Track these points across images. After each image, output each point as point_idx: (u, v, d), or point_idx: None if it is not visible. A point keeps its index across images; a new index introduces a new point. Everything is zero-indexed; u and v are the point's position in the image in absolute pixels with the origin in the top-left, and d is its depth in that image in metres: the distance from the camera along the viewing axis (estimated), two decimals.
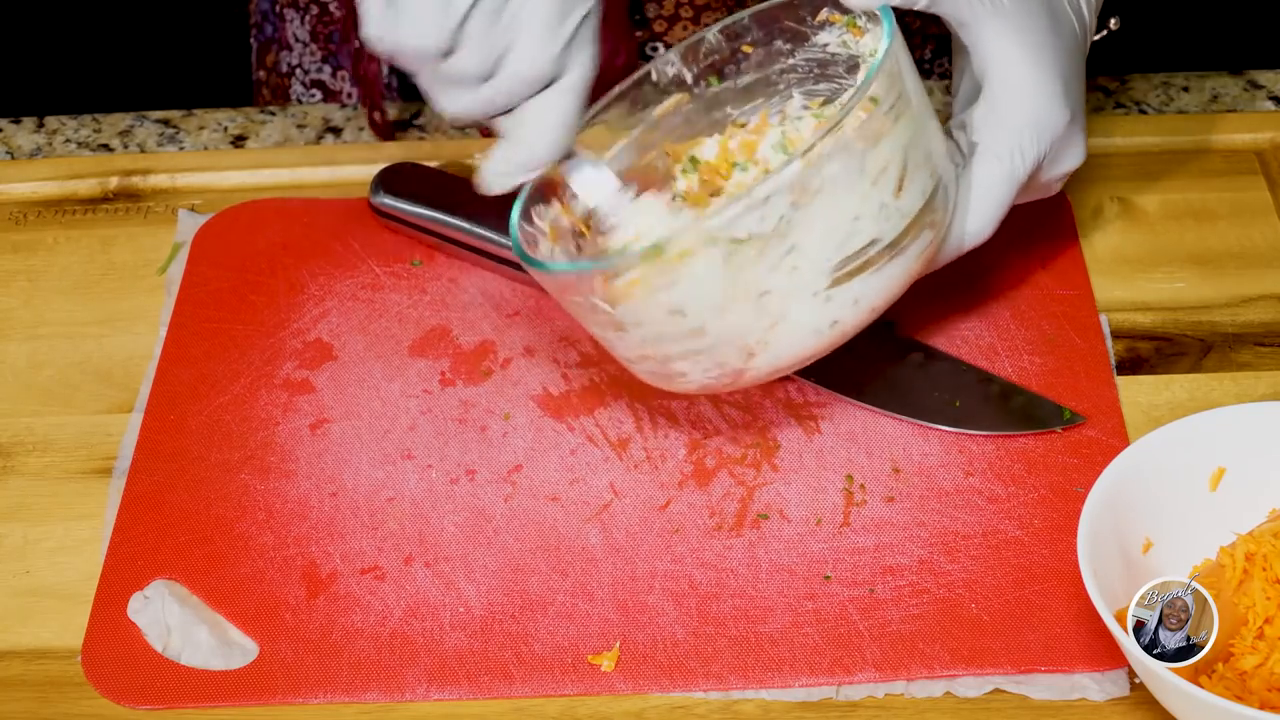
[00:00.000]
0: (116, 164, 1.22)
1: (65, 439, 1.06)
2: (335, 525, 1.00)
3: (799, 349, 0.94)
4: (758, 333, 0.92)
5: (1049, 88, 0.97)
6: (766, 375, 0.95)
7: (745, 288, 0.91)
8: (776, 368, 0.95)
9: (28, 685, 0.95)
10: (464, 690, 0.93)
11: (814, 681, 0.92)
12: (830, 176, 0.90)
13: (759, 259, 0.90)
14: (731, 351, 0.93)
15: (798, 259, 0.91)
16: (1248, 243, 1.12)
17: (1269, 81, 1.24)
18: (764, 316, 0.92)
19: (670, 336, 0.93)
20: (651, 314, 0.92)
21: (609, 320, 0.93)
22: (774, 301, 0.91)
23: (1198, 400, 1.04)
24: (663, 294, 0.91)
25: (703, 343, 0.93)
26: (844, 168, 0.90)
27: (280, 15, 1.32)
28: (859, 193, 0.91)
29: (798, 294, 0.92)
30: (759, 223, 0.89)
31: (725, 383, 0.95)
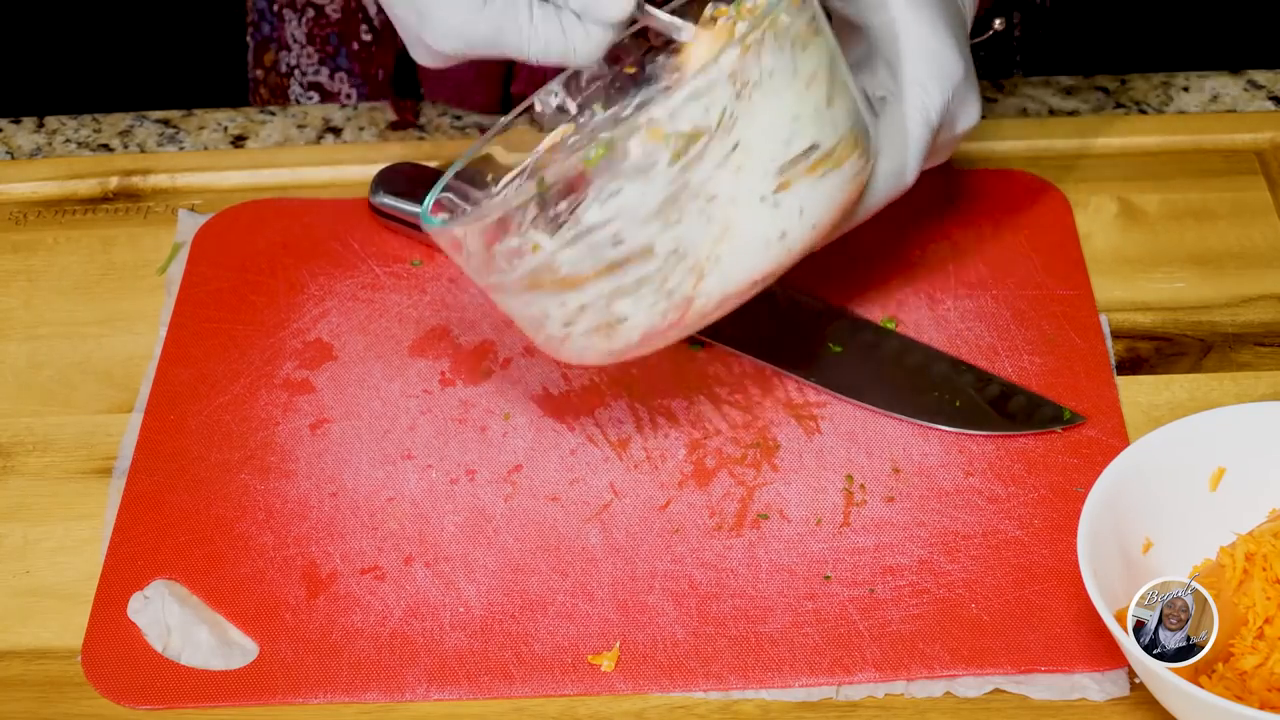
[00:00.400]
0: (116, 164, 1.22)
1: (65, 439, 1.06)
2: (335, 525, 1.00)
3: (749, 265, 0.92)
4: (706, 246, 0.91)
5: (944, 40, 0.99)
6: (716, 304, 0.93)
7: (691, 191, 0.90)
8: (726, 292, 0.93)
9: (28, 685, 0.95)
10: (464, 690, 0.93)
11: (814, 681, 0.92)
12: (767, 69, 0.90)
13: (703, 156, 0.89)
14: (680, 273, 0.92)
15: (742, 157, 0.90)
16: (1248, 243, 1.12)
17: (1269, 81, 1.24)
18: (712, 225, 0.91)
19: (611, 268, 0.91)
20: (590, 243, 0.90)
21: (539, 269, 0.91)
22: (720, 207, 0.90)
23: (1198, 400, 1.04)
24: (605, 208, 0.90)
25: (649, 267, 0.91)
26: (778, 64, 0.90)
27: (279, 15, 1.32)
28: (795, 91, 0.91)
29: (745, 198, 0.91)
30: (703, 114, 0.89)
31: (672, 320, 0.93)
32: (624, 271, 0.91)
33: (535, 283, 0.93)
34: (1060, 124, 1.20)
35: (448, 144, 1.22)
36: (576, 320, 0.94)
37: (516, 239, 0.91)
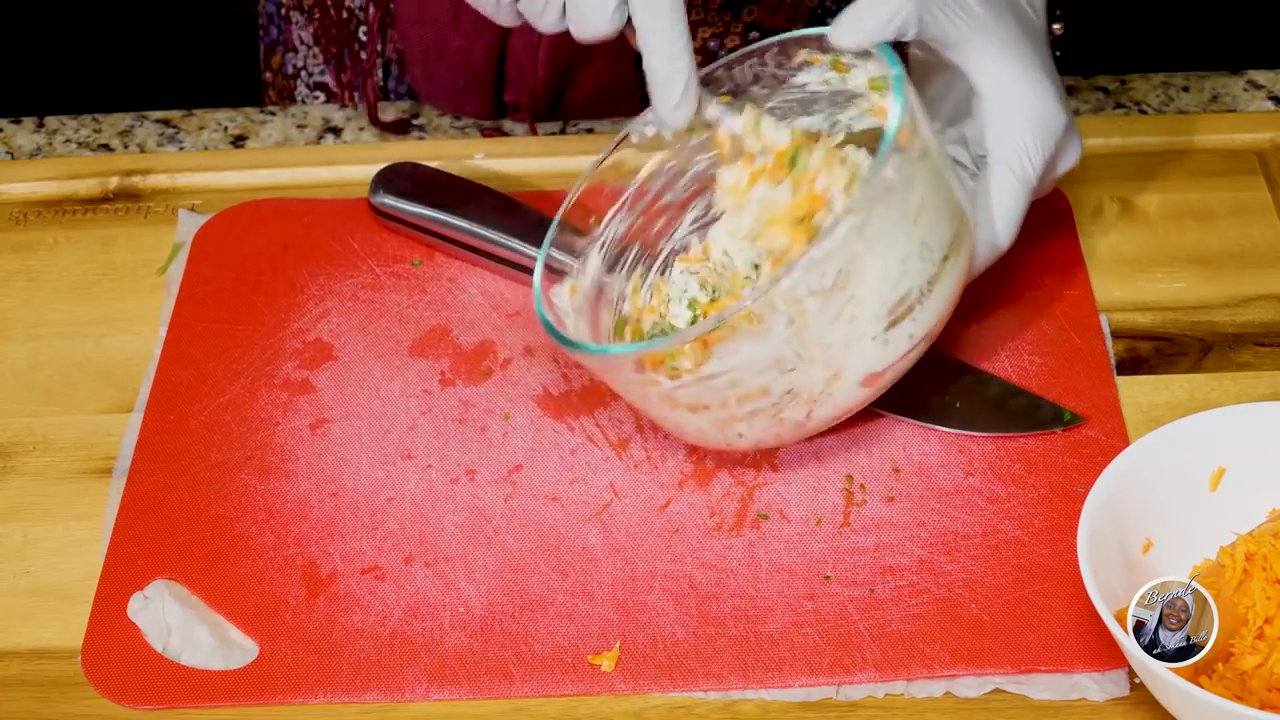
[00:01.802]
0: (116, 164, 1.22)
1: (65, 439, 1.06)
2: (335, 525, 1.00)
3: (859, 396, 0.95)
4: (819, 385, 0.93)
5: (1045, 93, 1.00)
6: (824, 425, 0.96)
7: (807, 345, 0.91)
8: (836, 416, 0.96)
9: (28, 685, 0.95)
10: (464, 690, 0.93)
11: (814, 681, 0.92)
12: (882, 225, 0.91)
13: (819, 314, 0.91)
14: (793, 408, 0.94)
15: (855, 308, 0.91)
16: (1248, 243, 1.12)
17: (1269, 81, 1.24)
18: (826, 369, 0.93)
19: (729, 402, 0.93)
20: (709, 385, 0.93)
21: (662, 396, 0.94)
22: (834, 354, 0.92)
23: (1198, 400, 1.04)
24: (724, 363, 0.92)
25: (763, 403, 0.93)
26: (891, 214, 0.91)
27: (286, 18, 1.32)
28: (905, 233, 0.92)
29: (857, 343, 0.92)
30: (819, 279, 0.90)
31: (785, 437, 0.96)
32: (741, 404, 0.93)
33: (663, 402, 0.95)
34: None
35: (448, 144, 1.22)
36: (705, 432, 0.96)
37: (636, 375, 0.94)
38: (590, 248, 1.02)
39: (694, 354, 0.92)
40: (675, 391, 0.93)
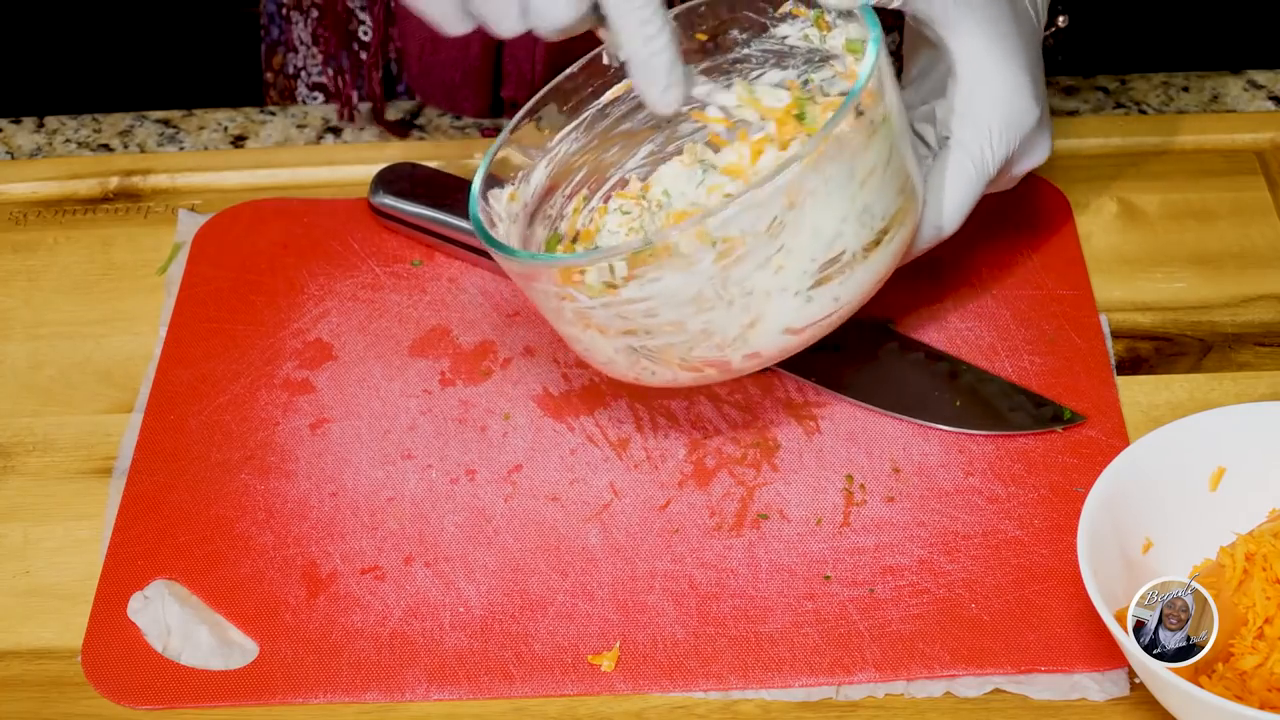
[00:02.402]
0: (116, 164, 1.22)
1: (65, 439, 1.06)
2: (335, 525, 1.00)
3: (775, 347, 0.94)
4: (735, 330, 0.92)
5: (1020, 85, 0.99)
6: (734, 373, 0.95)
7: (729, 285, 0.91)
8: (746, 365, 0.95)
9: (28, 685, 0.95)
10: (464, 690, 0.93)
11: (814, 681, 0.92)
12: (826, 179, 0.90)
13: (747, 258, 0.90)
14: (705, 348, 0.93)
15: (784, 258, 0.91)
16: (1248, 243, 1.12)
17: (1269, 81, 1.24)
18: (744, 314, 0.92)
19: (640, 331, 0.93)
20: (626, 310, 0.92)
21: (577, 312, 0.93)
22: (755, 300, 0.92)
23: (1198, 400, 1.04)
24: (643, 289, 0.91)
25: (676, 338, 0.93)
26: (839, 171, 0.91)
27: (286, 18, 1.32)
28: (848, 196, 0.91)
29: (780, 294, 0.92)
30: (753, 222, 0.89)
31: (691, 379, 0.95)
32: (653, 335, 0.93)
33: (576, 319, 0.94)
34: (1060, 124, 1.20)
35: (447, 144, 1.22)
36: (614, 360, 0.95)
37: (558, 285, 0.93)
38: (539, 159, 1.01)
39: (615, 275, 0.90)
40: (590, 310, 0.92)
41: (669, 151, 1.04)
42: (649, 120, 1.04)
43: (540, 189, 1.01)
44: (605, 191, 1.04)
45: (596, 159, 1.04)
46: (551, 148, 1.02)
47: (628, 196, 1.02)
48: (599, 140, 1.03)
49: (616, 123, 1.04)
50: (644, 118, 1.04)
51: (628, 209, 1.01)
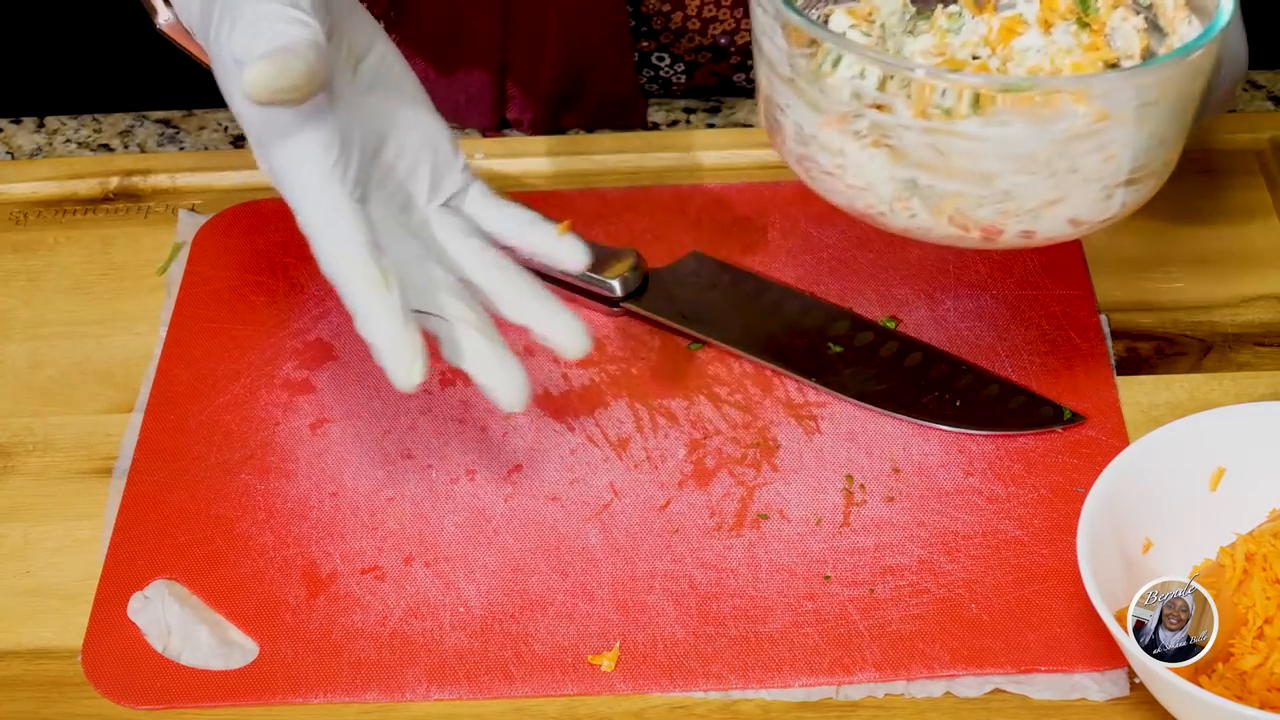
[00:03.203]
0: (116, 164, 1.22)
1: (65, 439, 1.06)
2: (335, 525, 1.00)
3: (1053, 233, 0.92)
4: (1034, 202, 0.90)
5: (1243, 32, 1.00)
6: (999, 244, 0.93)
7: (1063, 158, 0.89)
8: (1017, 243, 0.93)
9: (28, 685, 0.95)
10: (464, 690, 0.93)
11: (814, 681, 0.92)
12: (1188, 86, 0.90)
13: (1100, 134, 0.89)
14: (991, 209, 0.90)
15: (1120, 149, 0.90)
16: (1248, 243, 1.12)
17: (1269, 81, 1.24)
18: (1054, 190, 0.90)
19: (941, 170, 0.89)
20: (949, 144, 0.88)
21: (875, 125, 0.89)
22: (1072, 181, 0.90)
23: (1198, 400, 1.04)
24: (986, 128, 0.88)
25: (973, 189, 0.90)
26: (1192, 82, 0.90)
27: None
28: (1184, 110, 0.92)
29: (1095, 182, 0.90)
30: (1123, 102, 0.88)
31: (948, 236, 0.92)
32: (951, 179, 0.89)
33: (870, 131, 0.90)
34: None
35: None
36: (874, 186, 0.91)
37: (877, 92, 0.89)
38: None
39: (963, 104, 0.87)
40: (901, 129, 0.89)
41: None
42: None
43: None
44: (805, 2, 0.99)
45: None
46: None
47: (857, 17, 0.98)
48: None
49: None
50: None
51: (867, 30, 0.97)
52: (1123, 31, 0.97)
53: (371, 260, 0.90)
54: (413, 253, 0.94)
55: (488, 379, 0.93)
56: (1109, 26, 0.97)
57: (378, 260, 0.90)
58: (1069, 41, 0.96)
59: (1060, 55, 0.95)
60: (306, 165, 0.91)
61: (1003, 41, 0.96)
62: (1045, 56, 0.95)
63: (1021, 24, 0.96)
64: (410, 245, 0.95)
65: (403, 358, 0.90)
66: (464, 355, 0.93)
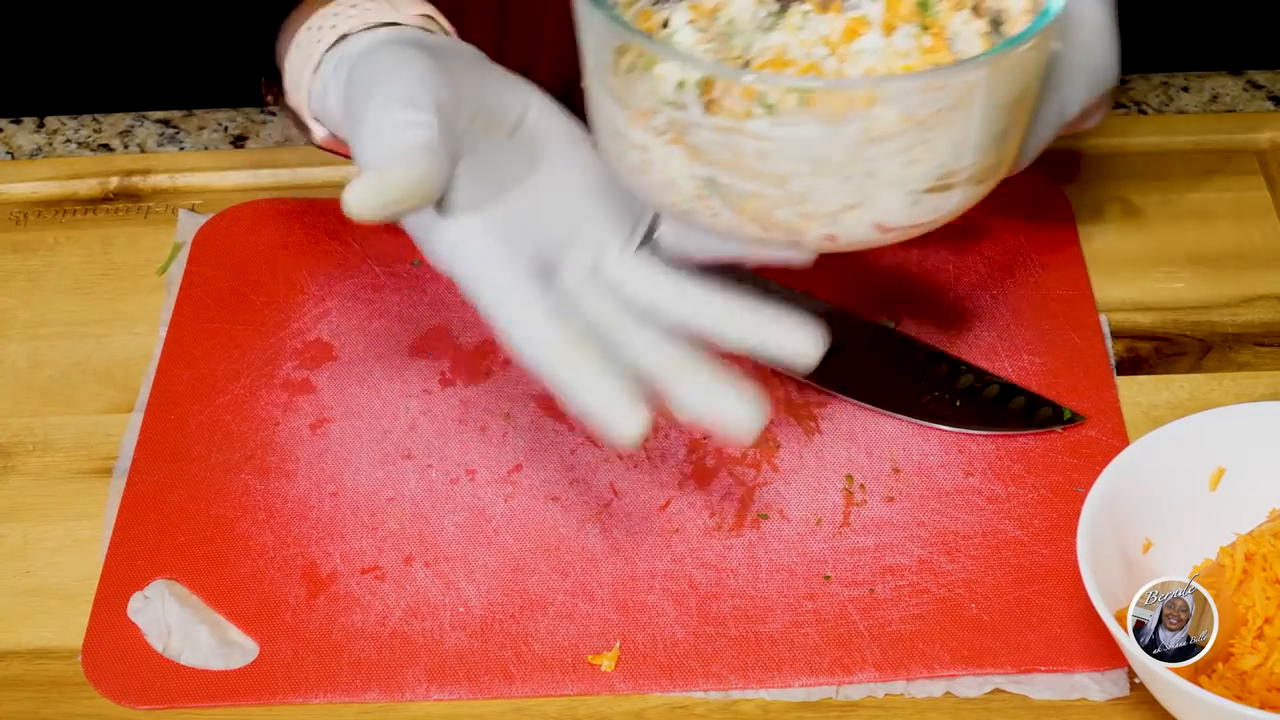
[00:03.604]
0: (116, 164, 1.22)
1: (65, 439, 1.06)
2: (335, 525, 1.00)
3: (857, 238, 0.89)
4: (832, 206, 0.88)
5: (1114, 49, 0.97)
6: (803, 247, 0.90)
7: (859, 161, 0.86)
8: (821, 246, 0.90)
9: (28, 685, 0.95)
10: (464, 690, 0.93)
11: (814, 681, 0.92)
12: (999, 89, 0.87)
13: (896, 138, 0.86)
14: (789, 212, 0.88)
15: (921, 153, 0.87)
16: (1248, 243, 1.12)
17: (1269, 81, 1.24)
18: (853, 194, 0.87)
19: (737, 169, 0.87)
20: (740, 143, 0.86)
21: (673, 122, 0.86)
22: (871, 185, 0.87)
23: (1198, 400, 1.04)
24: (775, 129, 0.85)
25: (768, 189, 0.87)
26: (1009, 86, 0.87)
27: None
28: (999, 116, 0.88)
29: (897, 187, 0.87)
30: (918, 107, 0.85)
31: (753, 235, 0.89)
32: (746, 179, 0.87)
33: (668, 128, 0.87)
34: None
35: None
36: (677, 184, 0.89)
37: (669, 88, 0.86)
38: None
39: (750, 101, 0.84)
40: (696, 126, 0.86)
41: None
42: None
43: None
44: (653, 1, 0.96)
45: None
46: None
47: (701, 12, 0.95)
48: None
49: None
50: None
51: (703, 26, 0.94)
52: (964, 35, 0.95)
53: (557, 338, 0.87)
54: (610, 311, 0.89)
55: (717, 418, 0.88)
56: (951, 30, 0.96)
57: (565, 335, 0.87)
58: (909, 44, 0.95)
59: (896, 58, 0.94)
60: (469, 256, 0.88)
61: (844, 42, 0.94)
62: (882, 59, 0.94)
63: (865, 25, 0.95)
64: (606, 305, 0.90)
65: (613, 417, 0.85)
66: (689, 406, 0.88)
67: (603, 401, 0.85)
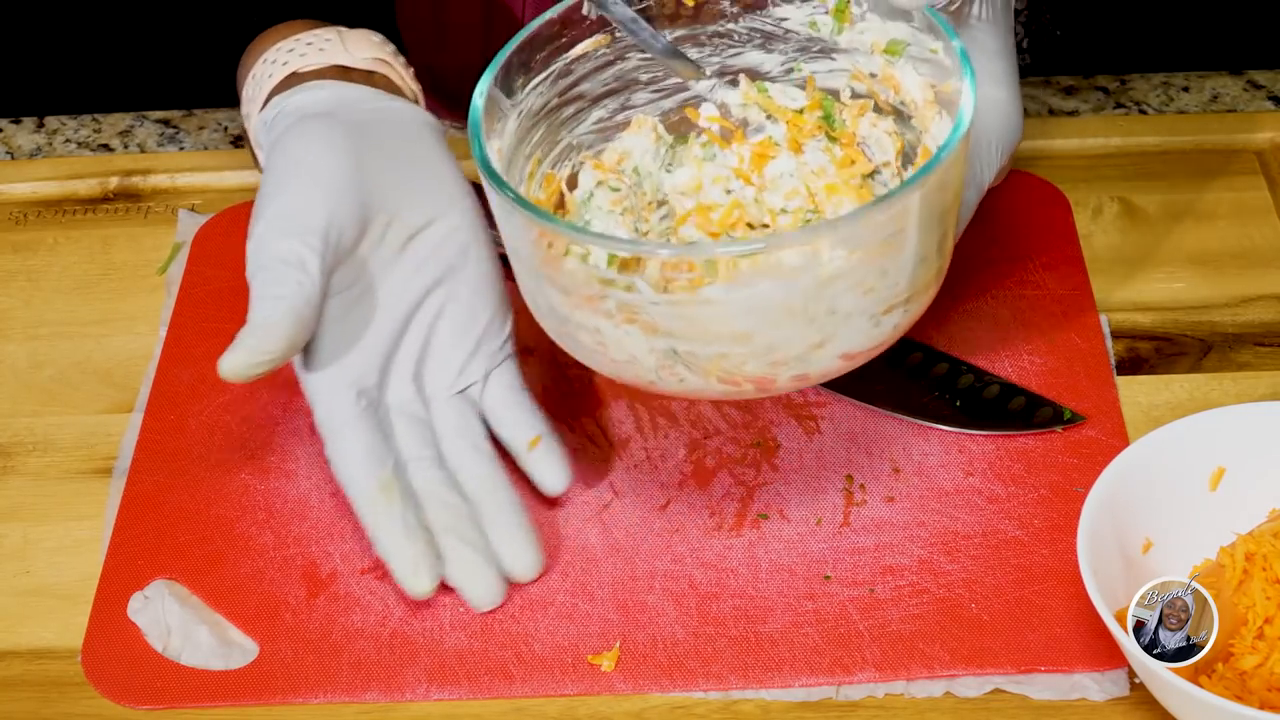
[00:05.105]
0: (116, 164, 1.22)
1: (65, 439, 1.06)
2: (335, 525, 1.00)
3: (826, 371, 0.90)
4: (800, 349, 0.87)
5: (1017, 106, 0.98)
6: (774, 391, 0.90)
7: (819, 302, 0.85)
8: (790, 386, 0.90)
9: (28, 685, 0.95)
10: (464, 690, 0.93)
11: (814, 681, 0.92)
12: (934, 204, 0.87)
13: (850, 274, 0.85)
14: (759, 364, 0.88)
15: (877, 280, 0.86)
16: (1248, 243, 1.12)
17: (1269, 81, 1.24)
18: (817, 333, 0.87)
19: (698, 338, 0.86)
20: (696, 312, 0.85)
21: (623, 305, 0.86)
22: (834, 321, 0.87)
23: (1198, 400, 1.04)
24: (731, 293, 0.85)
25: (734, 349, 0.87)
26: (941, 196, 0.87)
27: None
28: (939, 224, 0.88)
29: (858, 316, 0.87)
30: (873, 236, 0.84)
31: (724, 392, 0.90)
32: (709, 343, 0.86)
33: (619, 311, 0.87)
34: (1060, 124, 1.20)
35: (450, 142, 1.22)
36: (638, 360, 0.89)
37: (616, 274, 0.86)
38: (511, 111, 0.95)
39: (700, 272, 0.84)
40: (647, 306, 0.85)
41: (617, 121, 0.99)
42: (609, 83, 0.99)
43: (510, 147, 0.94)
44: (553, 158, 0.98)
45: (554, 119, 0.97)
46: (520, 100, 0.95)
47: (605, 170, 0.96)
48: (559, 99, 0.97)
49: (577, 82, 0.98)
50: (604, 80, 0.98)
51: (615, 184, 0.95)
52: (875, 138, 0.95)
53: (372, 478, 0.94)
54: (419, 440, 0.97)
55: (461, 584, 0.95)
56: (859, 136, 0.95)
57: (379, 476, 0.95)
58: (822, 159, 0.94)
59: (813, 178, 0.94)
60: (319, 404, 0.96)
61: (756, 169, 0.94)
62: (799, 180, 0.94)
63: (773, 147, 0.95)
64: (418, 433, 0.97)
65: (405, 570, 0.94)
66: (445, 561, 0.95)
67: (395, 555, 0.94)
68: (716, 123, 0.97)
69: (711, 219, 0.94)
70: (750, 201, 0.95)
